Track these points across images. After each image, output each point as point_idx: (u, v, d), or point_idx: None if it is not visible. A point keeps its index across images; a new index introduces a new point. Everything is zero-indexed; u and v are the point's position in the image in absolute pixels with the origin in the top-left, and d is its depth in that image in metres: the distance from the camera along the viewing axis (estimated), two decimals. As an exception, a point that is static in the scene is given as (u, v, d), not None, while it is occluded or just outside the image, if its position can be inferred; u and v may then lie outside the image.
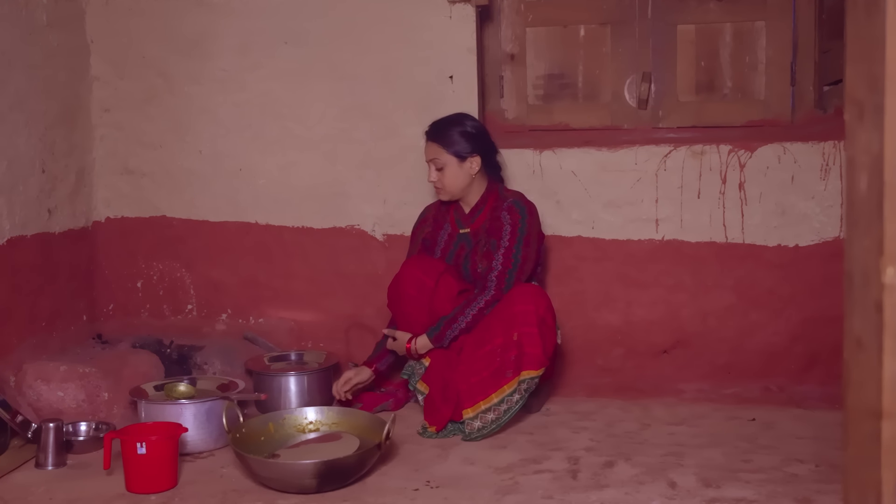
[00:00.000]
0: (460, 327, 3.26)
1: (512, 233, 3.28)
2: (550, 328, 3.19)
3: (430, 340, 3.30)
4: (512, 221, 3.29)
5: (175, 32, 3.91)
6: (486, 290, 3.26)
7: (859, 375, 1.21)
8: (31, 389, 3.25)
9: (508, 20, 4.03)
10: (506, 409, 3.12)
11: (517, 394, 3.13)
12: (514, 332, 3.12)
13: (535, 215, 3.36)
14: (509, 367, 3.12)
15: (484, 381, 3.13)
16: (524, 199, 3.37)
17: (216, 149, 3.94)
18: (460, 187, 3.39)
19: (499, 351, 3.14)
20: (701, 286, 3.67)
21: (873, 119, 1.16)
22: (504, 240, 3.28)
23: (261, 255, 3.95)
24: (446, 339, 3.28)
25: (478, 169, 3.38)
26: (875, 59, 1.15)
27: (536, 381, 3.15)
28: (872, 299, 1.16)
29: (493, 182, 3.45)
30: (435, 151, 3.38)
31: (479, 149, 3.38)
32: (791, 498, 2.57)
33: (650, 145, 3.69)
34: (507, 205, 3.32)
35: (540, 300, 3.17)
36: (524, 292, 3.19)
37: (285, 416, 3.07)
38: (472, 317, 3.25)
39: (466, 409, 3.13)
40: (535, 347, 3.11)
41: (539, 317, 3.13)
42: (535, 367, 3.11)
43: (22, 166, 3.46)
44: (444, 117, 3.44)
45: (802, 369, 3.59)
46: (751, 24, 3.88)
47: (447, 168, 3.36)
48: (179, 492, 2.72)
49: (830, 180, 3.54)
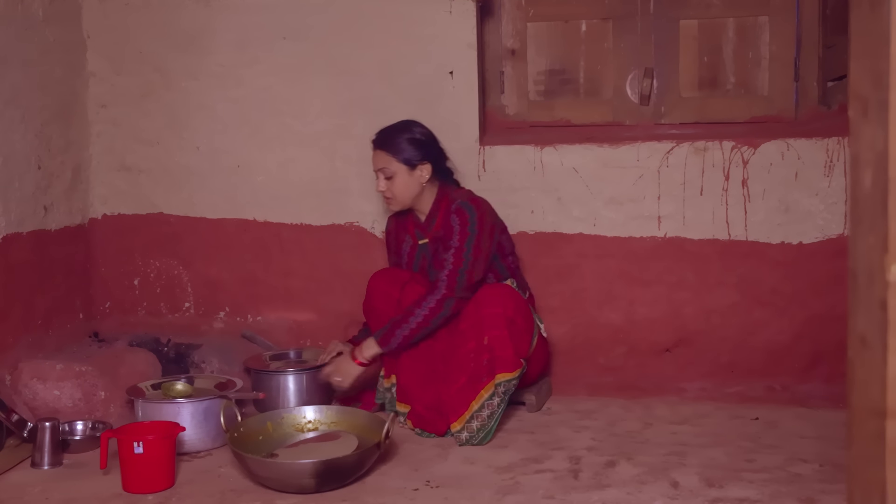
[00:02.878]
0: (410, 327, 3.16)
1: (461, 232, 3.22)
2: (521, 328, 3.15)
3: (377, 342, 3.21)
4: (460, 222, 3.22)
5: (172, 27, 3.89)
6: (436, 289, 3.18)
7: (864, 374, 1.21)
8: (27, 388, 3.25)
9: (509, 15, 4.01)
10: (488, 414, 3.07)
11: (496, 397, 3.08)
12: (484, 336, 3.09)
13: (484, 211, 3.28)
14: (483, 372, 3.08)
15: (462, 388, 3.09)
16: (472, 198, 3.31)
17: (214, 145, 3.92)
18: (410, 196, 3.35)
19: (472, 356, 3.10)
20: (703, 284, 3.64)
21: (877, 115, 1.15)
22: (454, 240, 3.22)
23: (259, 253, 3.94)
24: (394, 342, 3.18)
25: (428, 176, 3.33)
26: (879, 54, 1.14)
27: (514, 382, 3.12)
28: (877, 297, 1.15)
29: (445, 188, 3.40)
30: (383, 160, 3.33)
31: (428, 155, 3.33)
32: (795, 498, 2.55)
33: (652, 142, 3.66)
34: (455, 207, 3.26)
35: (508, 301, 3.13)
36: (492, 294, 3.15)
37: (284, 416, 3.06)
38: (424, 317, 3.16)
39: (453, 422, 3.09)
40: (505, 350, 3.08)
41: (507, 318, 3.10)
42: (508, 369, 3.09)
43: (17, 163, 3.45)
44: (391, 125, 3.39)
45: (806, 368, 3.57)
46: (754, 20, 3.85)
47: (397, 177, 3.31)
48: (177, 492, 2.71)
49: (834, 177, 3.51)
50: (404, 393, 3.24)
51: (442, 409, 3.12)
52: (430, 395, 3.18)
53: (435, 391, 3.17)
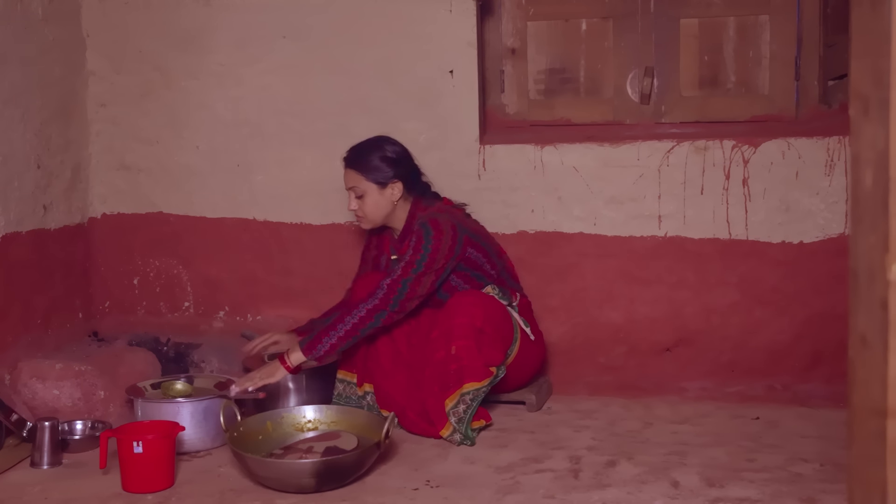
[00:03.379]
0: (338, 335, 3.07)
1: (415, 249, 3.15)
2: (491, 337, 3.13)
3: (302, 349, 3.09)
4: (416, 240, 3.16)
5: (172, 26, 3.89)
6: (372, 296, 3.11)
7: (864, 373, 1.20)
8: (27, 388, 3.24)
9: (509, 14, 4.00)
10: (456, 420, 3.05)
11: (462, 404, 3.06)
12: (451, 346, 3.08)
13: (441, 230, 3.17)
14: (451, 381, 3.07)
15: (436, 396, 3.08)
16: (431, 219, 3.20)
17: (213, 144, 3.92)
18: (381, 215, 3.31)
19: (441, 365, 3.09)
20: (704, 283, 3.63)
21: (879, 114, 1.15)
22: (407, 254, 3.16)
23: (259, 252, 3.93)
24: (320, 349, 3.09)
25: (399, 195, 3.29)
26: (881, 53, 1.14)
27: (484, 389, 3.10)
28: (878, 296, 1.15)
29: (418, 204, 3.35)
30: (353, 179, 3.29)
31: (400, 174, 3.29)
32: (795, 497, 2.55)
33: (653, 141, 3.65)
34: (416, 227, 3.21)
35: (476, 311, 3.11)
36: (462, 303, 3.13)
37: (283, 415, 3.05)
38: (353, 325, 3.08)
39: (440, 430, 3.07)
40: (473, 360, 3.07)
41: (475, 328, 3.08)
42: (476, 378, 3.07)
43: (17, 162, 3.44)
44: (362, 142, 3.36)
45: (807, 367, 3.56)
46: (754, 18, 3.84)
47: (367, 196, 3.27)
48: (176, 491, 2.70)
49: (835, 176, 3.51)
50: (386, 401, 3.22)
51: (429, 418, 3.12)
52: (417, 403, 3.16)
53: (420, 399, 3.16)
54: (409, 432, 3.16)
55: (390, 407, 3.18)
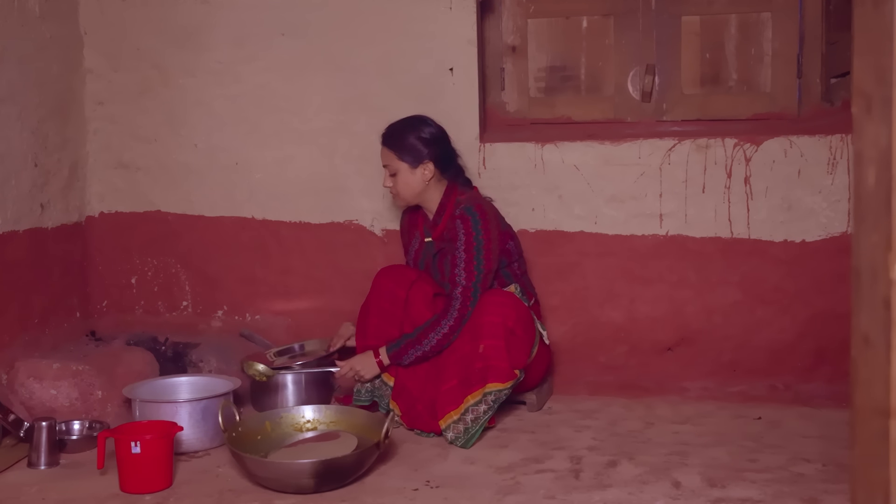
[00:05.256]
0: (423, 350, 3.17)
1: (467, 243, 3.17)
2: (520, 339, 3.13)
3: (388, 356, 3.22)
4: (465, 231, 3.18)
5: (169, 24, 3.88)
6: (451, 309, 3.16)
7: (867, 373, 1.20)
8: (24, 387, 3.24)
9: (510, 11, 3.98)
10: (472, 419, 3.04)
11: (483, 404, 3.05)
12: (480, 344, 3.07)
13: (488, 218, 3.22)
14: (475, 378, 3.06)
15: (452, 389, 3.08)
16: (476, 204, 3.24)
17: (212, 142, 3.90)
18: (413, 194, 3.33)
19: (466, 361, 3.09)
20: (706, 282, 3.62)
21: (881, 112, 1.14)
22: (460, 251, 3.18)
23: (257, 251, 3.92)
24: (405, 360, 3.20)
25: (431, 176, 3.31)
26: (883, 50, 1.14)
27: (506, 392, 3.09)
28: (880, 295, 1.14)
29: (453, 187, 3.36)
30: (388, 157, 3.33)
31: (433, 155, 3.31)
32: (798, 498, 2.54)
33: (654, 139, 3.64)
34: (459, 212, 3.22)
35: (508, 311, 3.12)
36: (494, 302, 3.14)
37: (282, 415, 3.05)
38: (437, 341, 3.16)
39: (440, 419, 3.07)
40: (501, 361, 3.06)
41: (507, 329, 3.09)
42: (501, 379, 3.06)
43: (14, 160, 3.43)
44: (400, 120, 3.38)
45: (809, 367, 3.55)
46: (756, 16, 3.83)
47: (399, 174, 3.30)
48: (174, 492, 2.70)
49: (838, 174, 3.49)
50: (401, 393, 3.22)
51: (433, 408, 3.11)
52: (428, 395, 3.16)
53: (432, 390, 3.15)
54: (410, 429, 3.15)
55: (403, 399, 3.19)
